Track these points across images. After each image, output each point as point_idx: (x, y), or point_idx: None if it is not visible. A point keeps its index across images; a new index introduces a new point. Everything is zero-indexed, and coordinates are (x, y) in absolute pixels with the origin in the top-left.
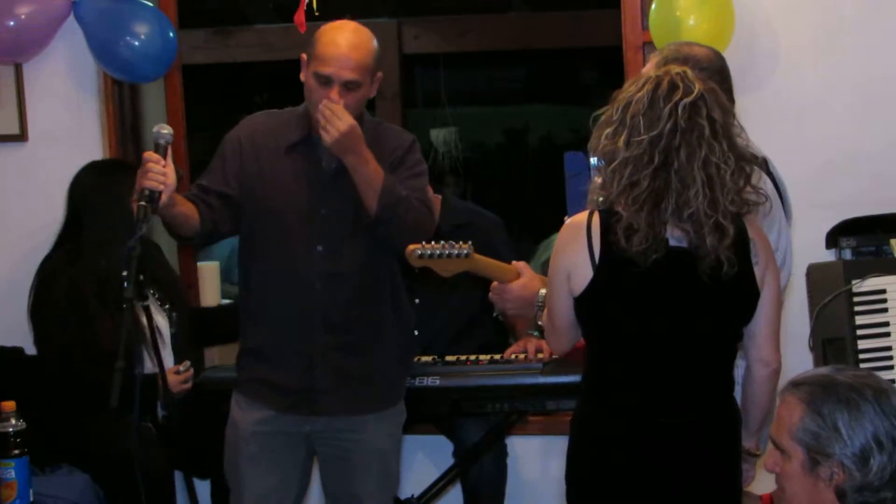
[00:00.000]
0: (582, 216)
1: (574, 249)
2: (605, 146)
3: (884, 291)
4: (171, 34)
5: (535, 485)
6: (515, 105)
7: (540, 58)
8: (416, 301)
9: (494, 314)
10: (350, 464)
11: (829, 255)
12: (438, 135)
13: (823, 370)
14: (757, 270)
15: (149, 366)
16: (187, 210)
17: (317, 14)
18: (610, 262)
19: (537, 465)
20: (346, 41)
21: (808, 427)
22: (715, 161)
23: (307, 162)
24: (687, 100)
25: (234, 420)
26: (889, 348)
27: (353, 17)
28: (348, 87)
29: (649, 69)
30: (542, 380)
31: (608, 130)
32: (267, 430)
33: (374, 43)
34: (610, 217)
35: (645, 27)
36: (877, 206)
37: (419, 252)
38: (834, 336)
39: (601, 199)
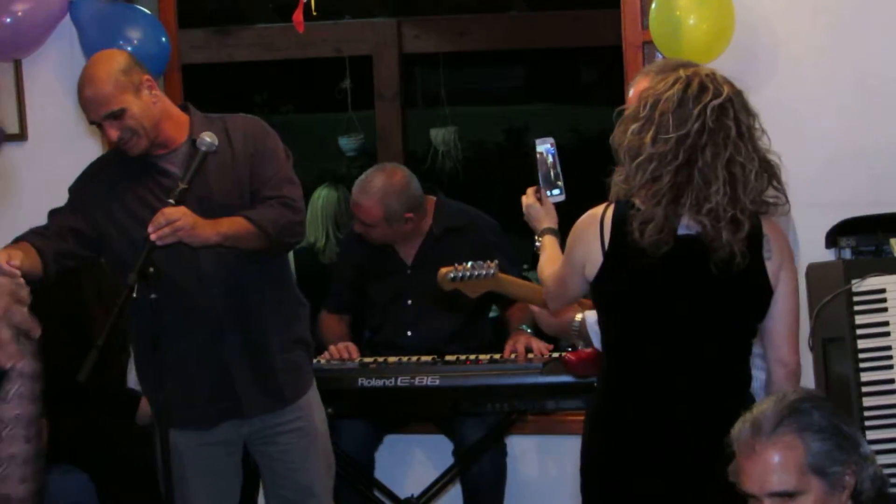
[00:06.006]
0: (599, 208)
1: (588, 238)
2: (630, 141)
3: (883, 291)
4: (164, 39)
5: (534, 484)
6: (515, 105)
7: (540, 58)
8: (409, 302)
9: (491, 314)
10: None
11: (828, 255)
12: (438, 134)
13: (763, 408)
14: (769, 266)
15: None
16: None
17: (315, 14)
18: (620, 252)
19: (537, 464)
20: (85, 83)
21: (819, 450)
22: (740, 161)
23: (150, 185)
24: (716, 101)
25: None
26: (889, 348)
27: (352, 17)
28: (114, 117)
29: (644, 87)
30: (541, 379)
31: (635, 126)
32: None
33: (117, 63)
34: (627, 209)
35: (645, 27)
36: (876, 206)
37: (451, 275)
38: (834, 336)
39: (622, 192)
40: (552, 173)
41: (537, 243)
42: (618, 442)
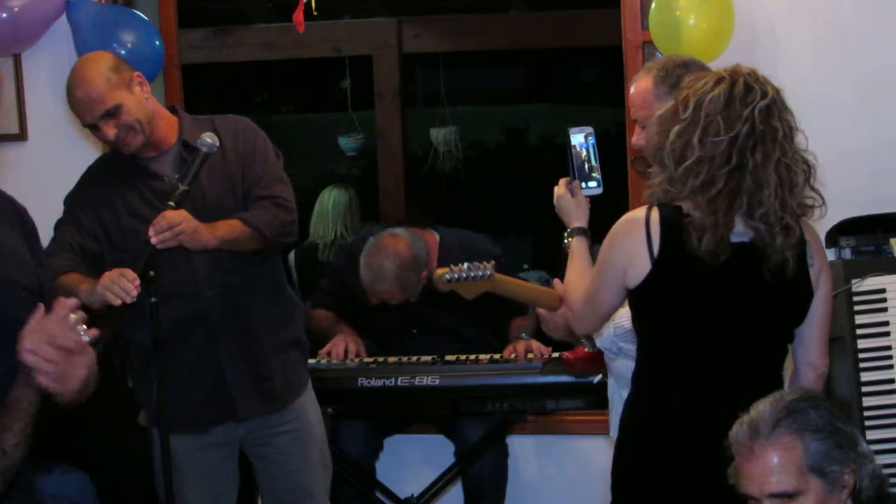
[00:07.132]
0: (639, 212)
1: (631, 243)
2: (674, 143)
3: (883, 291)
4: (158, 43)
5: (534, 484)
6: (515, 105)
7: (540, 57)
8: (414, 331)
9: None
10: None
11: (828, 255)
12: (438, 134)
13: (761, 410)
14: (812, 272)
15: None
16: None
17: (315, 14)
18: (673, 260)
19: (537, 464)
20: (76, 85)
21: (818, 449)
22: (787, 162)
23: (142, 189)
24: (763, 102)
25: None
26: (889, 347)
27: (352, 17)
28: (109, 115)
29: (648, 84)
30: (541, 379)
31: (677, 128)
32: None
33: (105, 62)
34: (677, 215)
35: (645, 27)
36: (876, 206)
37: (447, 276)
38: (834, 335)
39: (664, 196)
40: (587, 166)
41: (566, 241)
42: (654, 447)
